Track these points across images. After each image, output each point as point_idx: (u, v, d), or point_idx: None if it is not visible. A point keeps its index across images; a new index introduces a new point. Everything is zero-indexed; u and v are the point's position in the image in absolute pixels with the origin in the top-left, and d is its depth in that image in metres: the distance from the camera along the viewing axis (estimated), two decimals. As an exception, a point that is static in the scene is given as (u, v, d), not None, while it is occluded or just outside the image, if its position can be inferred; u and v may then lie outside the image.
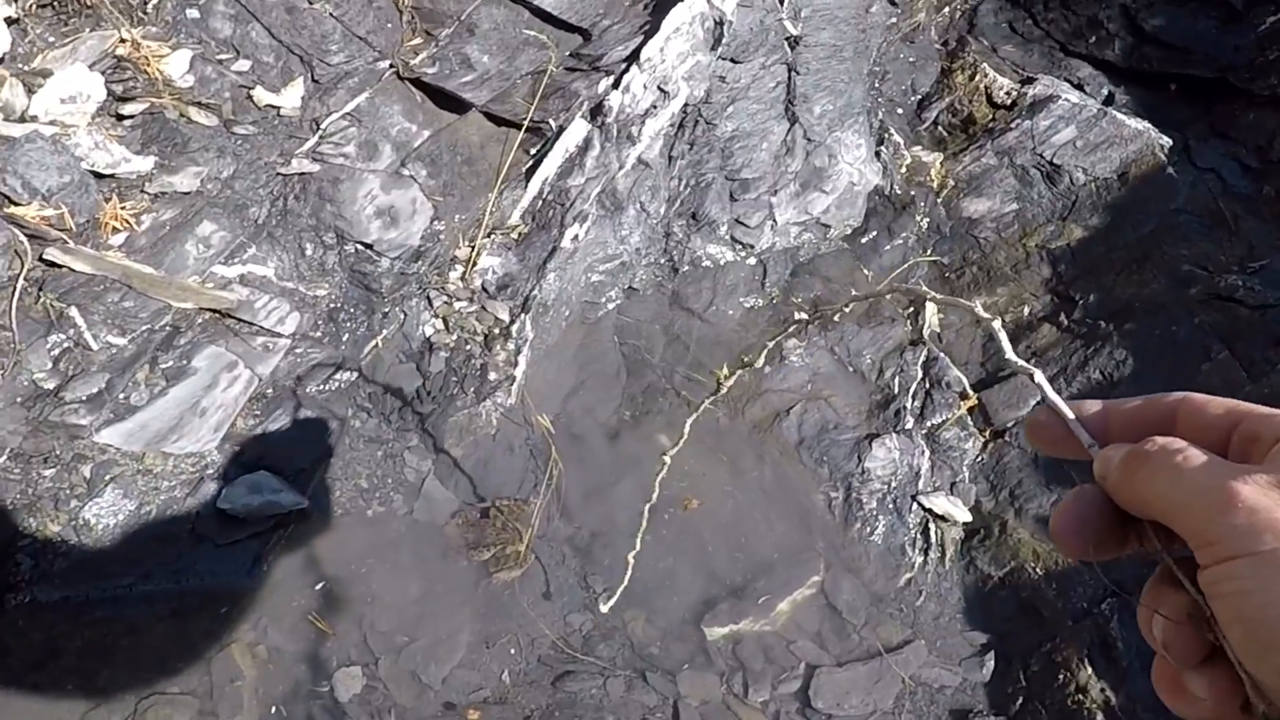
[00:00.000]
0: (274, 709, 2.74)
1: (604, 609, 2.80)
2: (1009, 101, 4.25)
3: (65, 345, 3.00)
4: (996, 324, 0.82)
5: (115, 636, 2.80)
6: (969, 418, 3.69)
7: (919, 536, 3.39)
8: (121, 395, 3.01)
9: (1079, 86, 4.29)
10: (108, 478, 2.96)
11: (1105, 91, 4.30)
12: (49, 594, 2.80)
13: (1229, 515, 0.52)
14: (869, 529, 3.40)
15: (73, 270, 3.07)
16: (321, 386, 3.29)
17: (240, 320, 3.27)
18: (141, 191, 3.30)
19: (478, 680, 2.92)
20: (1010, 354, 0.79)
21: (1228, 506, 0.52)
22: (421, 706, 2.83)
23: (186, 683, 2.74)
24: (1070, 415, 0.66)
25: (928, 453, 3.56)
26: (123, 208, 3.25)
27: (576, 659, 3.01)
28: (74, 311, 3.04)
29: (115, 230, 3.22)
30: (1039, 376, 0.72)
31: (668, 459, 3.22)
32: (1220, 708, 0.54)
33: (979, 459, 3.60)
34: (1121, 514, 0.62)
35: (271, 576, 2.98)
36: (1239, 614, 0.51)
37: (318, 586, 2.99)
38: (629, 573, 2.91)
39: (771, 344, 3.76)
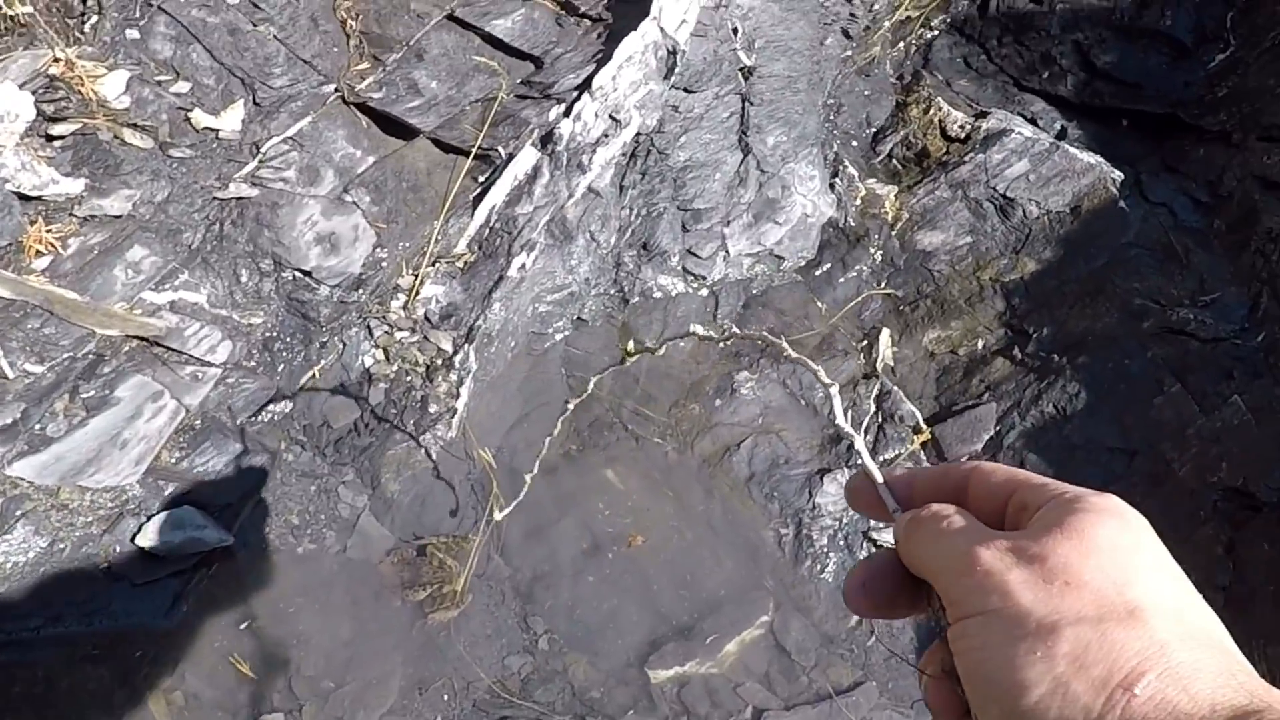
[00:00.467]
0: (188, 760, 2.59)
1: (498, 517, 2.65)
2: (963, 135, 4.24)
3: (-21, 374, 2.86)
4: (834, 390, 0.85)
5: (21, 683, 2.64)
6: (922, 453, 3.63)
7: (871, 574, 3.30)
8: (38, 426, 2.87)
9: (1032, 121, 4.30)
10: (19, 513, 2.81)
11: (1058, 126, 4.31)
12: (-50, 637, 2.64)
13: (968, 576, 0.57)
14: (819, 566, 3.31)
15: (-9, 296, 2.94)
16: (253, 418, 3.17)
17: (169, 349, 3.14)
18: (70, 214, 3.18)
19: (408, 727, 2.79)
20: (840, 420, 0.81)
21: (969, 569, 0.58)
22: (348, 756, 2.69)
23: (95, 732, 2.59)
24: (880, 480, 0.70)
25: (881, 488, 3.48)
26: (49, 231, 3.13)
27: (514, 704, 2.88)
28: (-10, 339, 2.90)
29: (39, 254, 3.09)
30: (859, 443, 0.76)
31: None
32: None
33: (933, 495, 3.52)
34: (913, 575, 0.65)
35: (191, 618, 2.84)
36: (965, 669, 0.57)
37: (241, 628, 2.85)
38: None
39: (659, 346, 3.68)
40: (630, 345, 3.42)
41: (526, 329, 3.59)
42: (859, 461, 0.76)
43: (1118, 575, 0.55)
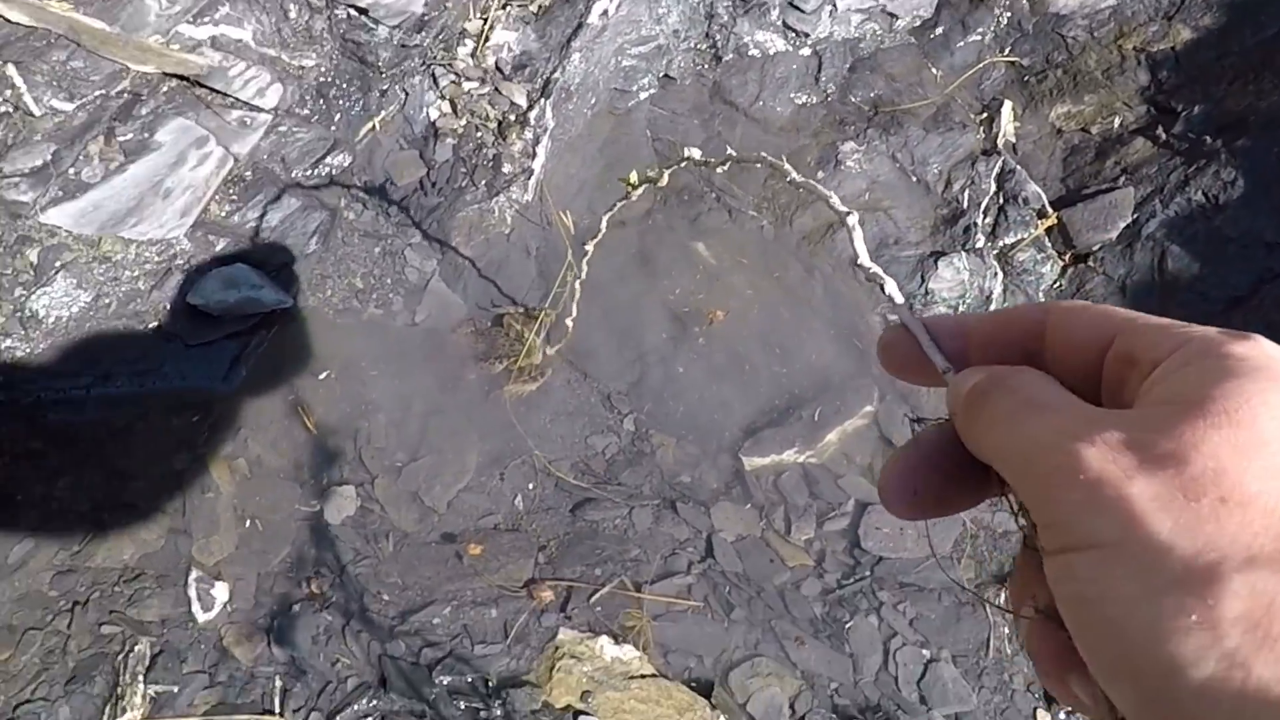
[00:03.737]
0: (252, 525, 2.41)
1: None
2: (1114, -125, 3.60)
3: (3, 109, 2.54)
4: (853, 220, 0.69)
5: (75, 443, 2.46)
6: (1047, 238, 3.24)
7: (986, 367, 3.00)
8: (71, 170, 2.57)
9: None
10: (58, 264, 2.55)
11: None
12: (-7, 392, 2.45)
13: (1068, 489, 0.38)
14: (931, 356, 3.00)
15: (8, 21, 2.59)
16: (309, 171, 2.85)
17: (213, 90, 2.79)
18: (92, -68, 2.76)
19: (487, 505, 2.59)
20: (864, 258, 0.65)
21: (1068, 476, 0.38)
22: (423, 532, 2.51)
23: (155, 496, 2.41)
24: (922, 332, 0.53)
25: (1000, 275, 3.13)
26: (68, -51, 2.73)
27: (599, 485, 2.67)
28: (11, 70, 2.57)
29: (60, -24, 2.70)
30: (890, 286, 0.61)
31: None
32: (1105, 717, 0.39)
33: (1057, 285, 3.17)
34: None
35: (251, 382, 2.62)
36: (1079, 626, 0.38)
37: (304, 396, 2.63)
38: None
39: (671, 169, 3.28)
40: (633, 177, 2.97)
41: (608, 84, 3.18)
42: (893, 314, 0.46)
43: None
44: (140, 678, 2.09)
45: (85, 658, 2.13)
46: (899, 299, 0.58)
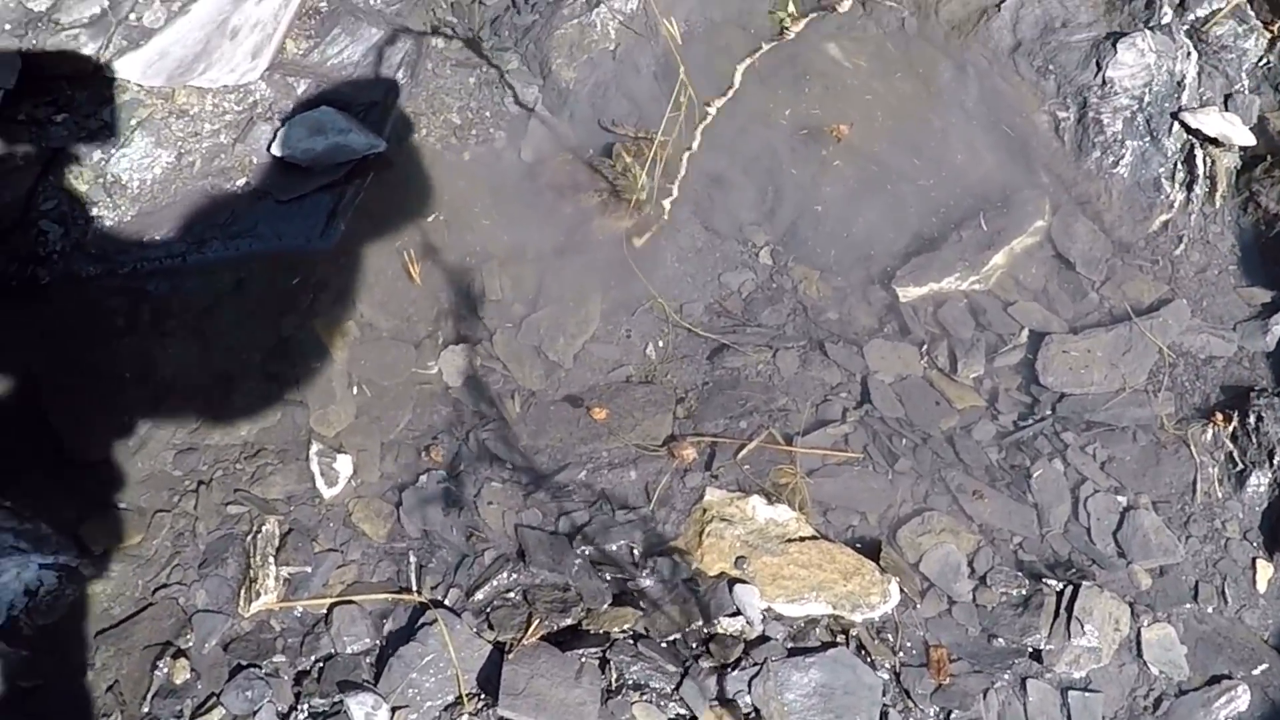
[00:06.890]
0: (368, 391, 2.24)
1: (711, 111, 1.99)
2: None
3: (48, -50, 2.28)
4: None
5: (176, 315, 2.31)
6: (1249, 6, 2.72)
7: (1180, 166, 2.56)
8: (131, 15, 2.31)
9: None
10: (134, 122, 2.34)
11: None
12: (87, 267, 2.29)
13: None
14: (1112, 158, 2.58)
15: None
16: (388, -4, 2.53)
17: (270, -91, 2.46)
18: None
19: (617, 356, 2.36)
20: None
21: None
22: (550, 389, 2.30)
23: (265, 367, 2.26)
24: None
25: (1194, 55, 2.64)
26: None
27: (737, 328, 2.41)
28: (53, -97, 2.29)
29: None
30: None
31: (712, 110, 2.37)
32: None
33: (1264, 62, 2.66)
34: None
35: (351, 237, 2.41)
36: None
37: (409, 247, 2.40)
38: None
39: None
40: (790, 6, 2.48)
41: None
42: None
43: None
44: (271, 559, 1.99)
45: (214, 539, 2.04)
46: None
